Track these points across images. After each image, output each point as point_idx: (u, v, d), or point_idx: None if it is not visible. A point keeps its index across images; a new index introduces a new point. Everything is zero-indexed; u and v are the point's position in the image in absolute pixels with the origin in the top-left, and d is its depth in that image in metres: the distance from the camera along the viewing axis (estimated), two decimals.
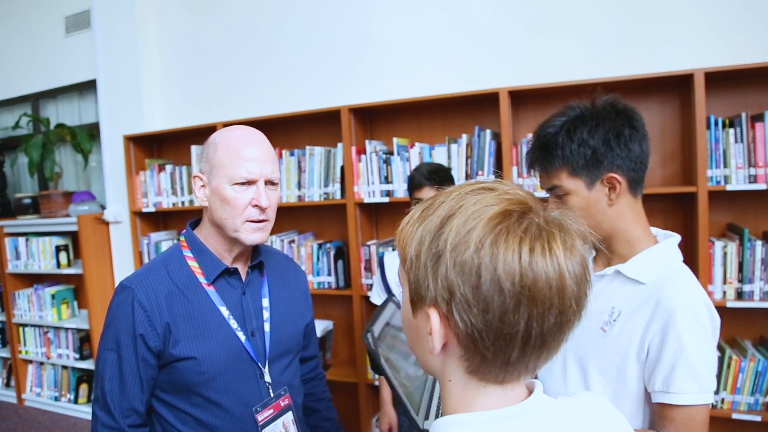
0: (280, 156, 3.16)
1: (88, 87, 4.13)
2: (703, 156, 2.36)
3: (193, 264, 1.33)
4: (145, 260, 3.63)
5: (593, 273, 1.12)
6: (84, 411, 3.98)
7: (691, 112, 2.47)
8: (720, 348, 2.47)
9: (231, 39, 3.54)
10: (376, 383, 3.01)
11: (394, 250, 2.91)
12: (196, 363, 1.26)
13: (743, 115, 2.33)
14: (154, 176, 3.58)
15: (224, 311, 1.32)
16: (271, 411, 1.36)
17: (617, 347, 1.13)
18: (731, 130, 2.36)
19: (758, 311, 2.52)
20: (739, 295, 2.41)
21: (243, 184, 1.28)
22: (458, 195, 0.63)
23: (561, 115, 1.18)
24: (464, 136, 2.77)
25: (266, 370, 1.37)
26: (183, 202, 3.50)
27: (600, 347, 1.15)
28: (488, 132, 2.72)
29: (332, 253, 3.11)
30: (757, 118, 2.34)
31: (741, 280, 2.40)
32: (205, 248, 1.35)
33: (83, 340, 3.94)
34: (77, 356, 3.94)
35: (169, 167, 3.54)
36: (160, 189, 3.57)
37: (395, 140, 2.90)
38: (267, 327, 1.40)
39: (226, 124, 3.25)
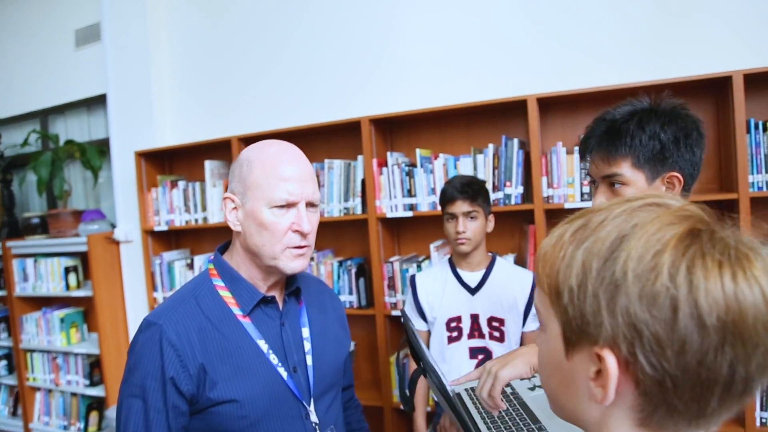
0: None
1: (97, 102, 4.05)
2: (743, 161, 2.27)
3: (226, 294, 1.20)
4: (158, 281, 3.52)
5: None
6: None
7: (727, 115, 2.38)
8: None
9: (244, 50, 3.46)
10: (402, 407, 2.89)
11: (418, 268, 2.81)
12: (237, 406, 1.13)
13: None
14: (167, 193, 3.49)
15: (263, 345, 1.20)
16: None
17: None
18: None
19: None
20: None
21: (282, 207, 1.16)
22: (624, 212, 0.54)
23: (627, 105, 1.17)
24: (491, 146, 2.67)
25: (311, 408, 1.24)
26: (197, 220, 3.40)
27: None
28: (515, 141, 2.63)
29: (353, 270, 3.00)
30: None
31: None
32: (238, 276, 1.22)
33: (93, 366, 3.82)
34: (87, 382, 3.81)
35: (182, 183, 3.45)
36: (173, 206, 3.47)
37: (418, 151, 2.81)
38: (309, 360, 1.28)
39: (240, 139, 3.17)
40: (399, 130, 3.08)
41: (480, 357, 2.05)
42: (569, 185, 2.53)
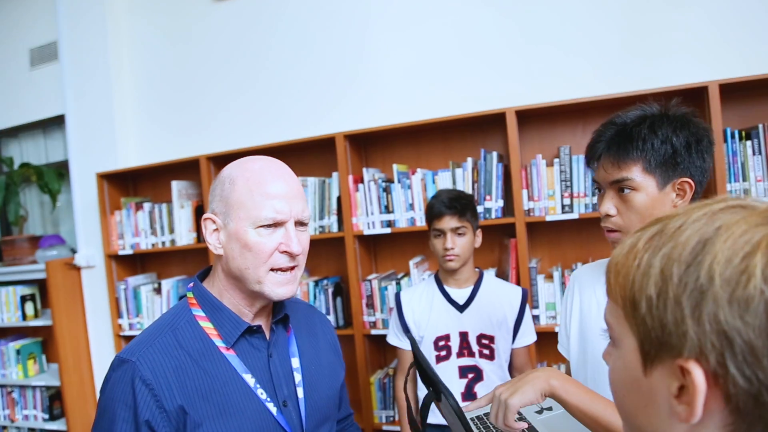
0: None
1: (54, 123, 3.87)
2: (721, 170, 2.28)
3: (207, 325, 1.10)
4: (123, 307, 3.35)
5: None
6: None
7: None
8: None
9: (212, 67, 3.36)
10: (384, 428, 2.80)
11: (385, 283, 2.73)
12: None
13: (760, 126, 2.27)
14: (131, 215, 3.33)
15: (249, 380, 1.09)
16: None
17: None
18: (748, 143, 2.29)
19: None
20: None
21: (269, 226, 1.06)
22: (704, 215, 0.50)
23: (637, 110, 1.14)
24: (469, 160, 2.63)
25: None
26: (164, 243, 3.25)
27: None
28: (494, 154, 2.59)
29: (330, 290, 2.91)
30: None
31: None
32: (219, 305, 1.11)
33: (53, 398, 3.59)
34: (46, 416, 3.58)
35: (147, 205, 3.30)
36: (138, 229, 3.32)
37: (395, 167, 2.75)
38: (300, 393, 1.18)
39: (209, 158, 3.06)
40: (374, 146, 3.02)
41: (470, 376, 1.98)
42: (550, 197, 2.51)
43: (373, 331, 2.80)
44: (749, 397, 0.45)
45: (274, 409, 1.10)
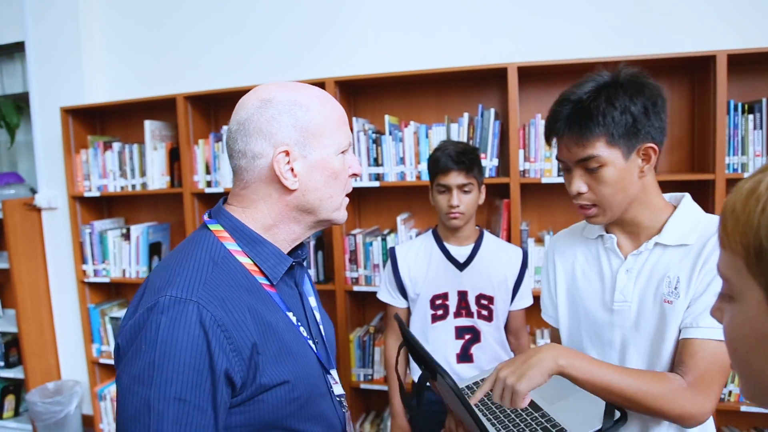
0: None
1: (12, 51, 3.56)
2: (722, 142, 2.26)
3: (246, 261, 0.98)
4: (87, 252, 3.17)
5: (628, 253, 1.19)
6: (10, 427, 3.47)
7: (705, 96, 2.36)
8: None
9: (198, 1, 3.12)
10: (362, 386, 2.76)
11: (377, 238, 2.66)
12: (289, 388, 0.95)
13: (764, 100, 2.24)
14: (98, 155, 3.12)
15: (293, 318, 1.02)
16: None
17: (684, 311, 1.12)
18: (750, 116, 2.27)
19: None
20: None
21: (344, 152, 1.03)
22: None
23: (589, 82, 1.12)
24: (466, 115, 2.54)
25: (336, 381, 1.11)
26: (134, 186, 3.07)
27: (671, 319, 1.12)
28: (492, 111, 2.51)
29: (312, 243, 2.81)
30: None
31: None
32: (261, 239, 1.00)
33: (9, 345, 3.42)
34: (2, 363, 3.42)
35: (116, 145, 3.09)
36: (106, 170, 3.12)
37: (387, 118, 2.63)
38: (323, 330, 1.15)
39: (188, 97, 2.88)
40: (365, 95, 2.89)
41: (467, 337, 1.93)
42: (546, 159, 2.45)
43: (356, 288, 2.73)
44: None
45: (314, 347, 1.06)
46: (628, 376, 1.06)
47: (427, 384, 1.16)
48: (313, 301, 1.15)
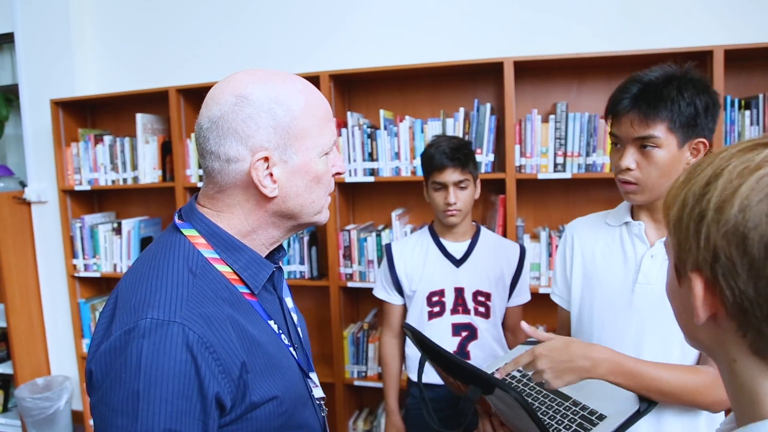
0: None
1: (1, 42, 3.50)
2: (719, 137, 2.25)
3: (224, 269, 0.90)
4: (78, 246, 3.13)
5: (654, 241, 1.26)
6: None
7: None
8: None
9: None
10: (356, 383, 2.74)
11: (374, 234, 2.63)
12: (278, 403, 0.89)
13: (760, 96, 2.23)
14: (89, 149, 3.08)
15: (274, 327, 0.96)
16: None
17: None
18: (747, 112, 2.26)
19: None
20: None
21: (328, 152, 0.95)
22: (728, 154, 0.57)
23: (659, 70, 1.18)
24: (461, 110, 2.52)
25: (315, 384, 1.06)
26: (125, 180, 3.03)
27: None
28: (488, 106, 2.48)
29: (305, 239, 2.78)
30: None
31: None
32: (240, 245, 0.92)
33: None
34: None
35: (108, 138, 3.05)
36: (97, 164, 3.08)
37: (382, 113, 2.61)
38: (300, 333, 1.09)
39: (180, 90, 2.84)
40: (359, 89, 2.86)
41: (463, 334, 1.91)
42: (543, 155, 2.43)
43: (350, 284, 2.71)
44: (736, 305, 0.54)
45: (294, 354, 1.00)
46: (666, 374, 1.13)
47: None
48: (289, 302, 1.10)
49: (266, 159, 0.87)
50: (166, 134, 3.04)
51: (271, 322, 0.96)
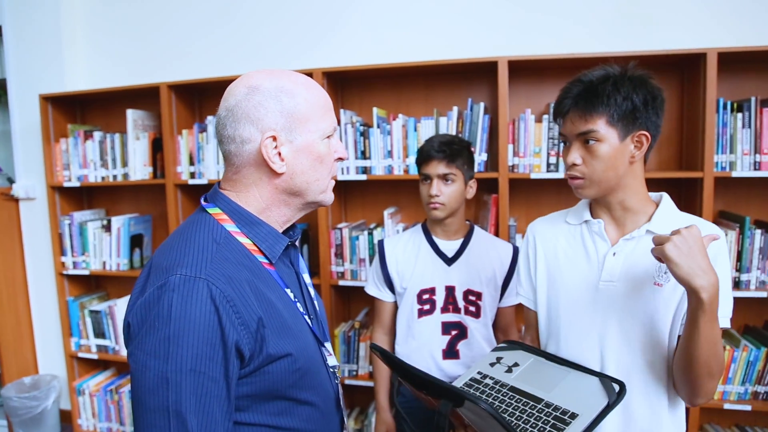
0: None
1: None
2: (711, 140, 2.25)
3: (245, 241, 1.03)
4: (66, 244, 3.10)
5: (613, 239, 1.30)
6: None
7: (694, 93, 2.36)
8: None
9: None
10: (347, 382, 2.73)
11: (363, 230, 2.62)
12: (292, 360, 1.00)
13: (752, 99, 2.24)
14: (79, 145, 3.05)
15: (291, 295, 1.08)
16: (343, 402, 1.21)
17: (675, 294, 1.23)
18: (739, 115, 2.27)
19: (746, 300, 2.47)
20: (737, 284, 2.35)
21: (329, 137, 1.07)
22: None
23: (600, 70, 1.24)
24: (455, 109, 2.51)
25: (330, 353, 1.18)
26: (115, 176, 3.00)
27: (659, 300, 1.24)
28: (482, 105, 2.48)
29: (297, 238, 2.76)
30: (764, 103, 2.27)
31: (739, 269, 2.34)
32: (258, 220, 1.05)
33: None
34: None
35: (97, 134, 3.02)
36: (86, 160, 3.04)
37: (375, 111, 2.60)
38: (317, 306, 1.23)
39: (171, 86, 2.81)
40: (353, 87, 2.84)
41: (453, 332, 1.91)
42: (536, 155, 2.43)
43: (341, 282, 2.70)
44: None
45: (310, 322, 1.11)
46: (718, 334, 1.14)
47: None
48: (307, 278, 1.22)
49: (274, 138, 1.01)
50: (157, 131, 3.02)
51: (288, 291, 1.08)
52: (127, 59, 3.19)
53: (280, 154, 1.02)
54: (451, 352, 1.91)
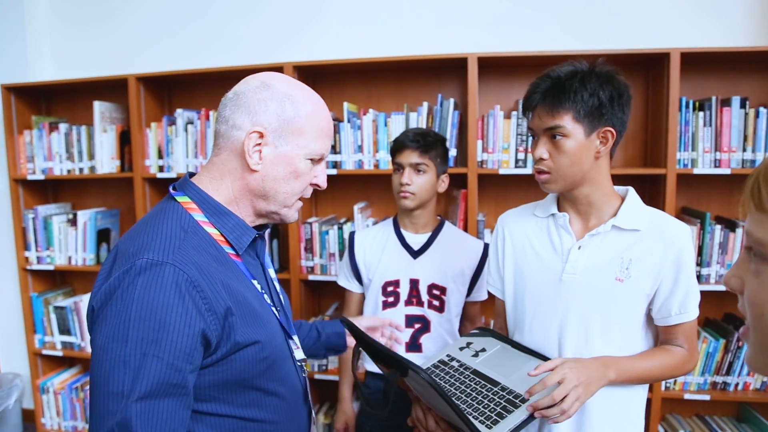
0: (207, 117, 2.74)
1: None
2: (674, 138, 2.31)
3: (212, 231, 1.03)
4: (30, 238, 3.03)
5: (579, 232, 1.34)
6: None
7: (659, 92, 2.42)
8: None
9: None
10: (317, 377, 2.73)
11: (332, 226, 2.63)
12: (260, 348, 1.01)
13: (713, 98, 2.31)
14: (43, 137, 2.98)
15: (257, 286, 1.09)
16: (310, 396, 1.23)
17: (636, 290, 1.28)
18: (701, 113, 2.33)
19: (706, 293, 2.52)
20: (697, 278, 2.40)
21: (315, 160, 1.08)
22: None
23: (569, 66, 1.26)
24: (425, 105, 2.53)
25: (296, 346, 1.19)
26: (81, 169, 2.94)
27: (619, 296, 1.28)
28: (452, 101, 2.50)
29: (266, 231, 2.75)
30: (724, 102, 2.33)
31: (700, 264, 2.40)
32: (226, 210, 1.06)
33: None
34: None
35: (63, 126, 2.96)
36: (51, 153, 2.98)
37: (346, 105, 2.60)
38: (283, 299, 1.23)
39: (140, 78, 2.77)
40: (324, 82, 2.84)
41: (416, 326, 1.92)
42: (504, 150, 2.47)
43: (311, 277, 2.69)
44: None
45: (277, 314, 1.12)
46: (651, 363, 1.29)
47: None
48: (272, 272, 1.23)
49: (261, 135, 1.02)
50: (125, 123, 2.97)
51: (254, 282, 1.08)
52: (94, 50, 3.13)
53: (261, 152, 1.03)
54: (413, 345, 1.92)
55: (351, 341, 1.49)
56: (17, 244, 3.05)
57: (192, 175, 1.11)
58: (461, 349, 1.45)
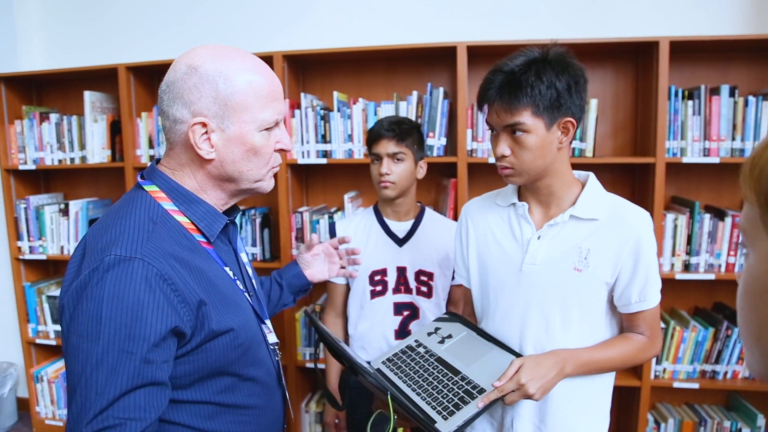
0: None
1: None
2: (663, 127, 2.31)
3: (183, 220, 1.02)
4: (23, 228, 3.03)
5: (539, 221, 1.32)
6: None
7: (648, 81, 2.41)
8: (663, 320, 2.48)
9: None
10: (308, 365, 2.74)
11: (316, 216, 2.63)
12: (234, 335, 1.01)
13: (702, 87, 2.30)
14: (35, 127, 2.98)
15: (230, 273, 1.08)
16: (284, 379, 1.24)
17: (595, 280, 1.27)
18: (690, 102, 2.32)
19: (696, 282, 2.55)
20: (686, 267, 2.42)
21: (270, 128, 1.04)
22: None
23: (521, 56, 1.22)
24: (414, 94, 2.52)
25: (270, 330, 1.19)
26: (73, 159, 2.94)
27: (578, 286, 1.27)
28: (441, 90, 2.50)
29: (258, 220, 2.76)
30: (714, 91, 2.33)
31: (689, 253, 2.41)
32: (196, 198, 1.04)
33: None
34: None
35: (54, 117, 2.96)
36: (43, 143, 2.98)
37: (336, 94, 2.59)
38: (256, 285, 1.23)
39: (130, 68, 2.76)
40: (313, 71, 2.83)
41: (405, 313, 1.93)
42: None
43: None
44: None
45: (249, 299, 1.12)
46: (611, 352, 1.30)
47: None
48: (245, 257, 1.21)
49: (204, 125, 0.98)
50: (116, 113, 2.96)
51: (227, 269, 1.08)
52: (85, 39, 3.12)
53: (210, 140, 0.99)
54: (403, 333, 1.93)
55: (313, 277, 1.54)
56: (9, 234, 3.05)
57: (158, 161, 1.08)
58: (429, 334, 1.47)
